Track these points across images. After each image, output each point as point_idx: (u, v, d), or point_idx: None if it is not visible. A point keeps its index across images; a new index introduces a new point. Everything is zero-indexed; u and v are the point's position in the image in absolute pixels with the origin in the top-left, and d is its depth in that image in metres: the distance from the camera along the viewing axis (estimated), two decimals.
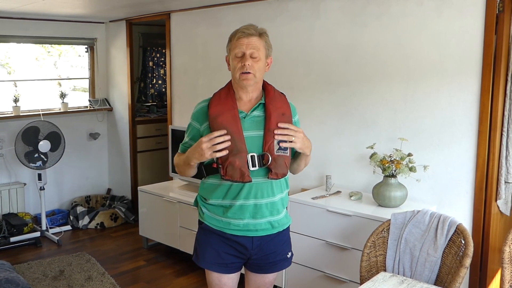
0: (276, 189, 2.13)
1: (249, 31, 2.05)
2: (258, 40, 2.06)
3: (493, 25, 2.82)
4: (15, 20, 4.94)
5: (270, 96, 2.13)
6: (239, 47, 2.04)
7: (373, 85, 3.36)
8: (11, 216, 4.84)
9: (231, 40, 2.09)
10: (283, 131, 2.02)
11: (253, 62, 2.03)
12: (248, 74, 2.03)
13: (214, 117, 2.05)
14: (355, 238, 3.00)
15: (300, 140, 2.04)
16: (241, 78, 2.04)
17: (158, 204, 4.31)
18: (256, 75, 2.05)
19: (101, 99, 5.70)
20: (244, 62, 2.02)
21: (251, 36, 2.04)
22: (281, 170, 2.07)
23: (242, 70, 2.03)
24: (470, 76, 2.92)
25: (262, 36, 2.08)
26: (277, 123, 2.06)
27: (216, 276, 2.18)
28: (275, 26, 3.85)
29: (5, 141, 4.98)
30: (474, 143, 2.95)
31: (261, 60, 2.06)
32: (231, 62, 2.09)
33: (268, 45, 2.11)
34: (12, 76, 5.55)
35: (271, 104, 2.10)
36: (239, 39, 2.04)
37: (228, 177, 2.02)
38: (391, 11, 3.23)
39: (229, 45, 2.11)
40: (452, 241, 2.44)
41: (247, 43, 2.03)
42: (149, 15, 5.00)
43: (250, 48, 2.03)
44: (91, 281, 3.85)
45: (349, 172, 3.54)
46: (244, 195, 2.07)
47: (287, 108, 2.15)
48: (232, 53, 2.07)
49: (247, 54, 2.03)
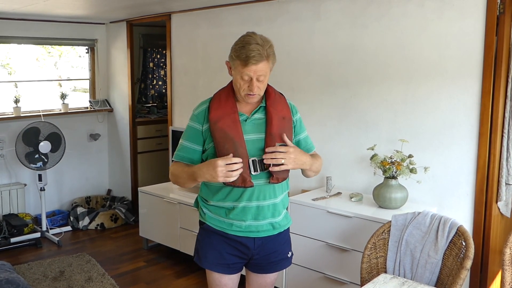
0: (278, 191, 2.14)
1: (259, 57, 1.95)
2: (266, 65, 1.99)
3: (493, 26, 2.82)
4: (16, 21, 4.95)
5: (271, 99, 2.12)
6: (246, 72, 1.97)
7: (374, 86, 3.36)
8: (11, 216, 4.84)
9: (238, 59, 1.97)
10: (271, 155, 1.98)
11: (259, 83, 2.01)
12: (253, 96, 2.03)
13: (214, 122, 2.04)
14: (355, 239, 3.00)
15: (291, 161, 1.99)
16: (246, 97, 2.04)
17: (158, 205, 4.31)
18: (261, 93, 2.06)
19: (101, 100, 5.70)
20: (251, 86, 1.99)
21: (261, 62, 1.96)
22: (281, 174, 2.07)
23: (248, 92, 2.01)
24: (471, 78, 2.92)
25: (269, 58, 2.00)
26: (278, 127, 2.06)
27: (217, 276, 2.18)
28: (276, 27, 3.85)
29: (5, 141, 4.98)
30: (474, 144, 2.95)
31: (266, 79, 2.03)
32: (236, 79, 2.02)
33: (273, 62, 2.04)
34: (13, 77, 5.55)
35: (272, 107, 2.10)
36: (248, 66, 1.96)
37: (230, 183, 2.01)
38: (391, 12, 3.23)
39: (235, 63, 2.00)
40: (453, 243, 2.44)
41: (255, 70, 1.97)
42: (149, 16, 5.00)
43: (258, 73, 1.98)
44: (91, 282, 3.84)
45: (350, 174, 3.54)
46: (247, 197, 2.07)
47: (287, 111, 2.15)
48: (238, 73, 2.00)
49: (254, 80, 1.99)
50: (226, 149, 2.01)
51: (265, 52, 1.96)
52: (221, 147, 2.02)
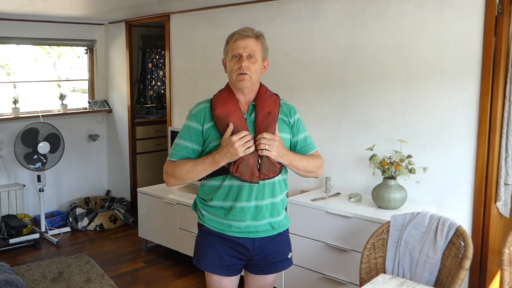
0: (277, 190, 2.14)
1: (246, 33, 2.07)
2: (254, 43, 2.07)
3: (492, 26, 2.82)
4: (14, 22, 4.94)
5: (259, 96, 2.14)
6: (236, 49, 2.05)
7: (373, 86, 3.36)
8: (10, 217, 4.84)
9: (228, 42, 2.11)
10: (258, 140, 2.02)
11: (250, 63, 2.05)
12: (244, 75, 2.04)
13: (223, 117, 2.05)
14: (354, 240, 3.00)
15: (275, 148, 2.02)
16: (237, 79, 2.05)
17: (157, 205, 4.30)
18: (252, 76, 2.06)
19: (100, 101, 5.70)
20: (241, 63, 2.04)
21: (248, 38, 2.06)
22: (268, 168, 2.06)
23: (239, 71, 2.04)
24: (470, 78, 2.92)
25: (258, 39, 2.09)
26: (262, 121, 2.06)
27: (217, 279, 2.17)
28: (275, 28, 3.85)
29: (4, 142, 4.98)
30: (473, 144, 2.95)
31: (257, 62, 2.08)
32: (228, 63, 2.10)
33: (264, 47, 2.12)
34: (12, 78, 5.55)
35: (258, 105, 2.11)
36: (236, 41, 2.06)
37: (238, 173, 2.01)
38: (390, 12, 3.23)
39: (226, 48, 2.12)
40: (452, 243, 2.44)
41: (244, 46, 2.05)
42: (148, 16, 5.00)
43: (247, 50, 2.05)
44: (90, 282, 3.84)
45: (349, 174, 3.54)
46: (246, 197, 2.07)
47: (274, 107, 2.13)
48: (229, 55, 2.08)
49: (244, 56, 2.04)
50: None
51: (253, 33, 2.08)
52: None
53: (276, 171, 2.09)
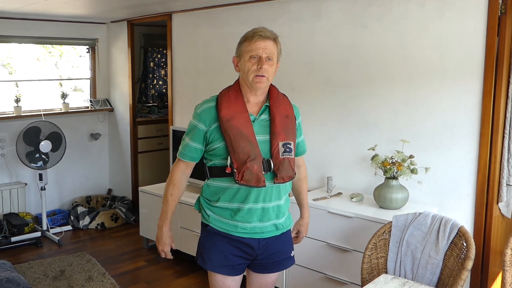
0: (283, 192, 2.15)
1: (266, 34, 2.03)
2: (273, 44, 2.05)
3: (495, 27, 2.81)
4: (16, 21, 4.94)
5: (274, 98, 2.12)
6: (255, 50, 2.01)
7: (374, 86, 3.36)
8: (12, 216, 4.84)
9: (245, 41, 2.05)
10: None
11: (268, 66, 2.02)
12: (262, 77, 2.02)
13: (227, 119, 2.02)
14: (356, 240, 3.00)
15: (304, 234, 2.47)
16: (255, 80, 2.02)
17: (158, 204, 4.27)
18: (269, 79, 2.06)
19: (102, 100, 5.70)
20: (261, 65, 2.00)
21: (268, 40, 2.03)
22: (287, 173, 2.07)
23: (257, 73, 2.01)
24: (472, 78, 2.92)
25: (276, 41, 2.07)
26: (281, 126, 2.06)
27: (221, 278, 2.17)
28: (277, 27, 3.83)
29: (6, 141, 4.98)
30: (475, 145, 2.95)
31: (274, 65, 2.06)
32: (244, 63, 2.04)
33: (279, 50, 2.10)
34: (14, 76, 5.55)
35: (274, 106, 2.10)
36: (256, 42, 2.01)
37: (244, 181, 2.01)
38: (392, 12, 3.23)
39: (242, 46, 2.06)
40: (454, 243, 2.44)
41: (264, 47, 2.01)
42: (150, 15, 5.00)
43: (267, 52, 2.02)
44: (91, 281, 3.84)
45: (350, 174, 3.54)
46: (253, 199, 2.07)
47: (290, 109, 2.15)
48: (246, 55, 2.03)
49: (263, 58, 2.01)
50: (242, 147, 2.00)
51: (272, 34, 2.05)
52: (236, 146, 2.00)
53: (291, 176, 2.11)
